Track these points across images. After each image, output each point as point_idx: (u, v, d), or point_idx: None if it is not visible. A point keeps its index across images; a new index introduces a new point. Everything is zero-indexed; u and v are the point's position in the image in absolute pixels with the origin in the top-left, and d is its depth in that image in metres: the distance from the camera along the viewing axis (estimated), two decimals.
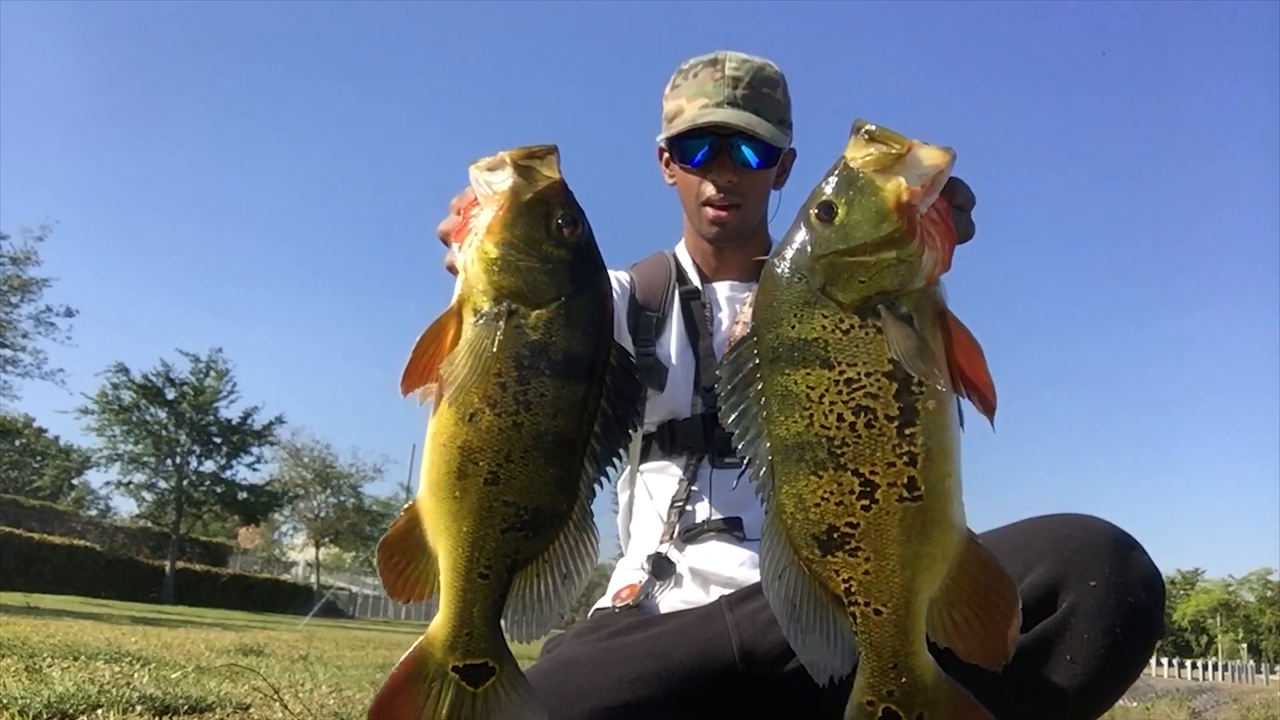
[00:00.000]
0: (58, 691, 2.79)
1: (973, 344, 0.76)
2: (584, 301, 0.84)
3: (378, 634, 14.82)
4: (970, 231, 0.88)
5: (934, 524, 0.76)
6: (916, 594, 0.77)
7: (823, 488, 0.77)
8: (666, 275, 1.57)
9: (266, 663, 5.44)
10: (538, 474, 0.83)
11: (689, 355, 1.48)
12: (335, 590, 38.02)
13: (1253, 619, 76.29)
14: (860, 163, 0.78)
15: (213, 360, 28.96)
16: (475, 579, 0.83)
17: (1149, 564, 1.08)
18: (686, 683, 1.23)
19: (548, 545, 0.85)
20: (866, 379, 0.76)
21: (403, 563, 0.85)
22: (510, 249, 0.83)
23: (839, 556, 0.77)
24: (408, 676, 0.85)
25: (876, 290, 0.77)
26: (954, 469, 0.77)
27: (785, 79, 1.50)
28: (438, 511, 0.84)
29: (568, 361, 0.83)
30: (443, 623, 0.84)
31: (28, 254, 20.48)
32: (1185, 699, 14.90)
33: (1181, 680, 35.19)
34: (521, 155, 0.84)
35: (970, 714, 0.80)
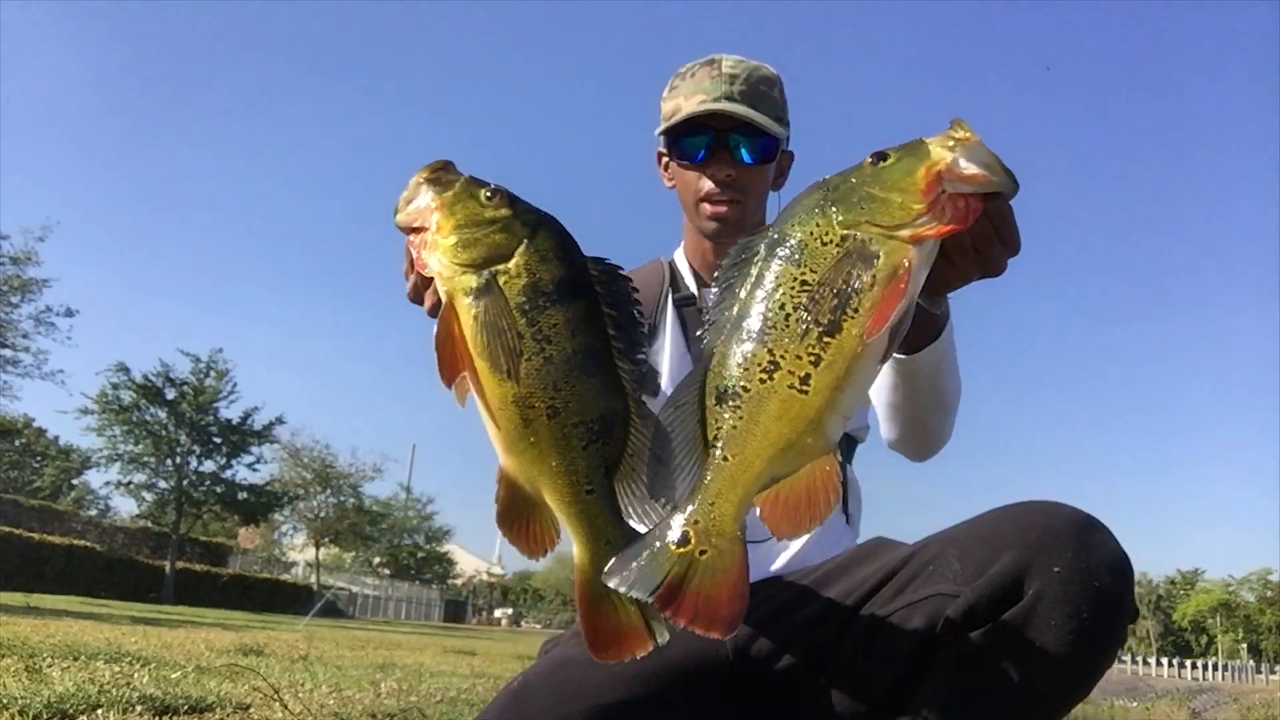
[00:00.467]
0: (58, 691, 2.79)
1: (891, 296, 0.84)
2: (545, 235, 0.93)
3: (378, 634, 14.81)
4: (996, 266, 0.94)
5: (805, 419, 0.86)
6: (761, 460, 0.87)
7: (741, 353, 0.88)
8: (659, 283, 1.56)
9: (266, 663, 5.44)
10: (587, 389, 0.91)
11: (686, 362, 1.47)
12: (335, 590, 38.02)
13: (1253, 619, 76.27)
14: (934, 138, 0.89)
15: (213, 360, 28.94)
16: (585, 498, 0.91)
17: (1114, 546, 1.07)
18: (681, 679, 1.23)
19: (626, 441, 0.93)
20: (817, 287, 0.87)
21: (521, 524, 0.93)
22: (462, 230, 0.92)
23: (723, 409, 0.89)
24: (591, 607, 0.92)
25: (867, 218, 0.87)
26: (848, 387, 0.86)
27: (782, 81, 1.50)
28: (524, 463, 0.91)
29: (559, 287, 0.91)
30: (581, 549, 0.91)
31: (28, 254, 20.47)
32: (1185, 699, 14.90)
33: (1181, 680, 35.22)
34: (427, 171, 0.96)
35: (738, 577, 0.87)
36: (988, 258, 0.93)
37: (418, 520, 47.19)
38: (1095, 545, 1.07)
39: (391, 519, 43.97)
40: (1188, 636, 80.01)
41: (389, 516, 43.52)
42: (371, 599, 43.45)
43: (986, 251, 0.92)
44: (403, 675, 5.39)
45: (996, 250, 0.92)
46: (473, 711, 3.76)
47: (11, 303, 20.64)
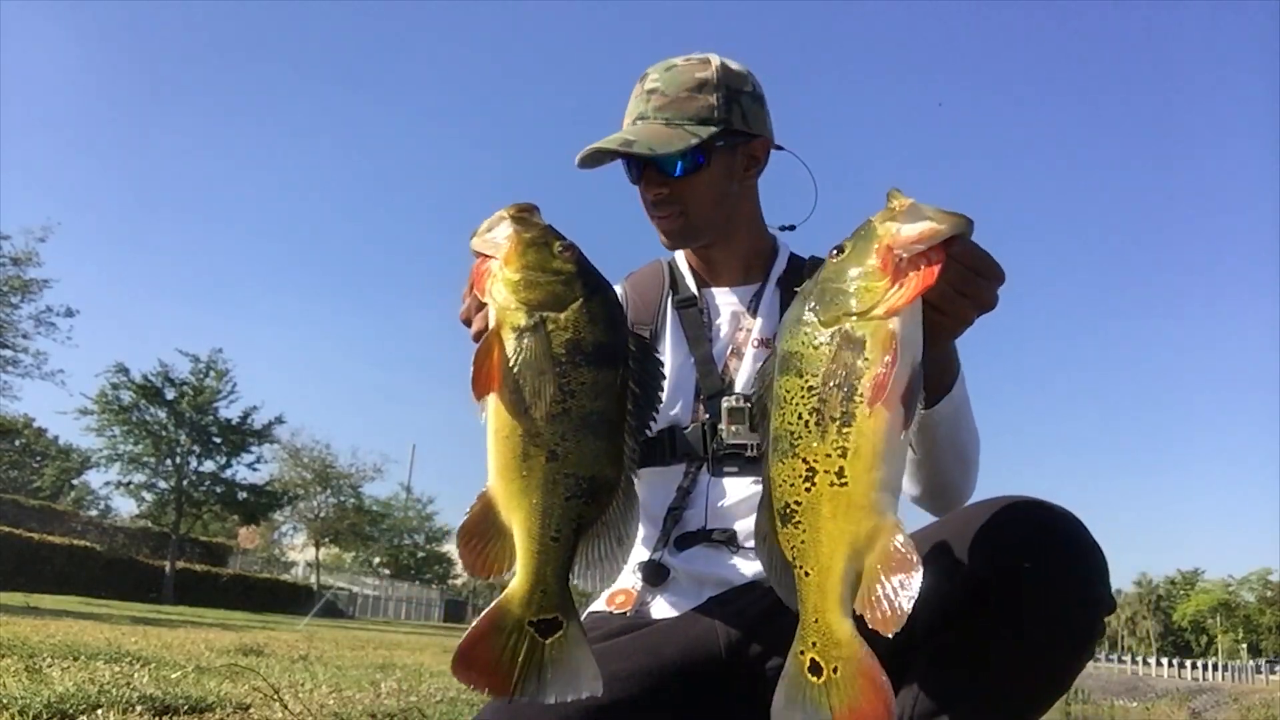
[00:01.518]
0: (58, 691, 2.80)
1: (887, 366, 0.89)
2: (599, 301, 0.99)
3: (378, 634, 14.82)
4: (988, 301, 0.97)
5: (856, 507, 0.90)
6: (838, 562, 0.91)
7: (784, 471, 0.94)
8: (660, 285, 1.56)
9: (266, 663, 5.45)
10: (589, 448, 0.96)
11: (689, 364, 1.47)
12: (335, 590, 38.06)
13: (1253, 619, 76.30)
14: (877, 217, 0.94)
15: (213, 360, 28.95)
16: (548, 542, 0.96)
17: (1085, 538, 1.07)
18: (677, 679, 1.24)
19: (604, 510, 0.98)
20: (822, 387, 0.92)
21: (480, 543, 0.98)
22: (528, 270, 0.98)
23: (789, 528, 0.94)
24: (489, 628, 0.96)
25: (843, 312, 0.92)
26: (880, 464, 0.90)
27: (724, 74, 1.45)
28: (509, 491, 0.97)
29: (597, 351, 0.97)
30: (520, 583, 0.96)
31: (29, 255, 20.48)
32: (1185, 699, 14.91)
33: (1181, 680, 35.18)
34: (514, 210, 1.01)
35: (873, 675, 0.89)
36: (975, 296, 0.96)
37: (418, 520, 47.24)
38: (1066, 539, 1.07)
39: (391, 519, 44.00)
40: (1188, 636, 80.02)
41: (389, 516, 43.53)
42: (371, 599, 43.46)
43: (971, 292, 0.96)
44: (403, 675, 5.39)
45: (980, 285, 0.96)
46: (472, 711, 3.76)
47: (12, 303, 20.66)
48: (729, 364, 1.46)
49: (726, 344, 1.48)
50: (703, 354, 1.46)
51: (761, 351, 1.45)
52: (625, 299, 1.56)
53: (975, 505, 1.16)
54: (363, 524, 38.80)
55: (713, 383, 1.43)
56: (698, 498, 1.41)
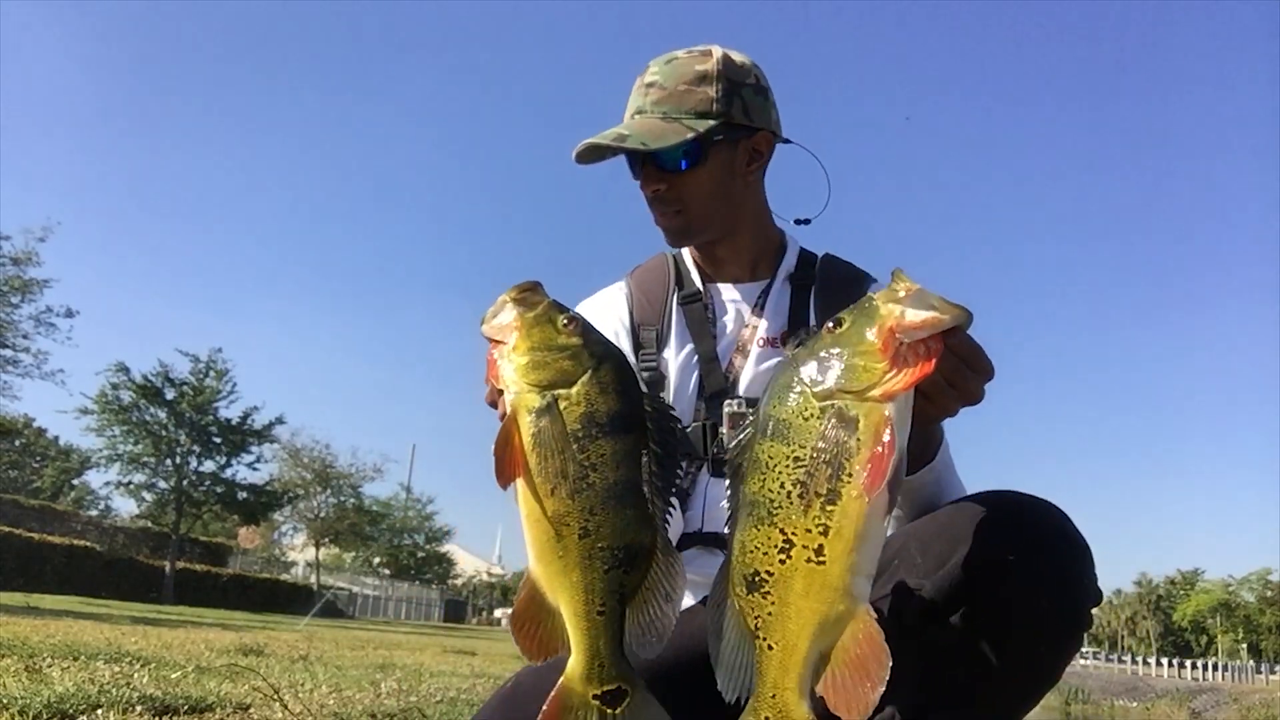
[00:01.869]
0: (58, 691, 2.80)
1: (884, 450, 0.88)
2: (608, 370, 1.00)
3: (377, 634, 14.82)
4: (975, 395, 0.98)
5: (830, 588, 0.89)
6: (804, 640, 0.90)
7: (758, 538, 0.92)
8: (664, 282, 1.54)
9: (266, 663, 5.45)
10: (619, 518, 0.97)
11: (692, 362, 1.45)
12: (335, 590, 38.02)
13: (1253, 619, 76.23)
14: (879, 295, 0.94)
15: (213, 360, 28.91)
16: (595, 617, 0.97)
17: (1070, 531, 1.07)
18: (672, 677, 1.24)
19: (645, 574, 0.99)
20: (810, 460, 0.91)
21: (533, 628, 1.00)
22: (535, 352, 1.00)
23: (755, 597, 0.92)
24: (557, 711, 0.98)
25: (839, 388, 0.91)
26: (861, 548, 0.89)
27: (726, 65, 1.42)
28: (549, 573, 0.99)
29: (612, 421, 0.98)
30: (577, 660, 0.98)
31: (29, 255, 20.44)
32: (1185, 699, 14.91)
33: (1181, 680, 35.16)
34: (515, 292, 1.03)
35: None
36: (964, 389, 0.97)
37: (418, 520, 47.21)
38: (1050, 531, 1.07)
39: (391, 519, 43.98)
40: (1188, 636, 79.96)
41: (389, 516, 43.50)
42: (371, 599, 43.43)
43: (961, 385, 0.96)
44: (403, 675, 5.39)
45: (970, 379, 0.96)
46: (472, 711, 3.75)
47: (12, 303, 20.63)
48: (733, 362, 1.44)
49: (731, 342, 1.46)
50: (706, 351, 1.45)
51: (767, 350, 1.43)
52: (630, 296, 1.54)
53: (961, 499, 1.16)
54: (363, 524, 38.78)
55: (715, 381, 1.42)
56: (696, 498, 1.40)
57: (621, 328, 1.50)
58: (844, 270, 1.52)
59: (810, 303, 1.47)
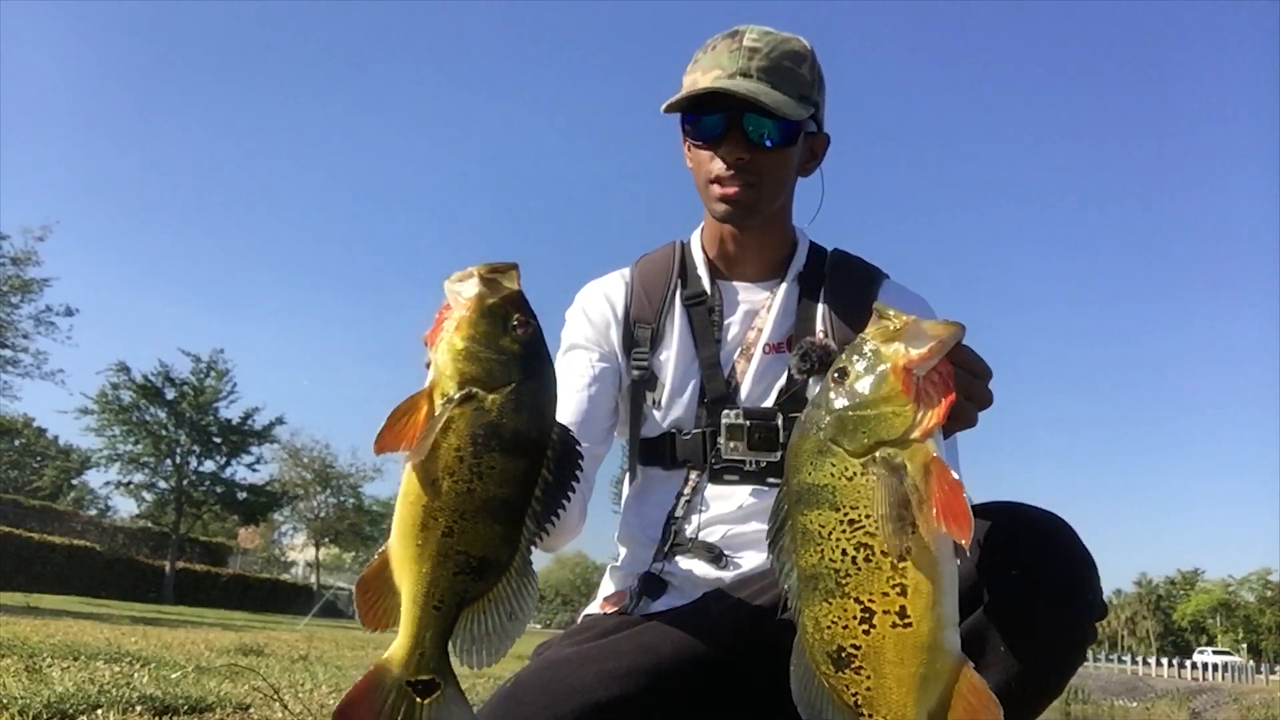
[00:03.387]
0: (58, 691, 2.79)
1: (953, 488, 0.86)
2: (531, 388, 0.99)
3: (377, 634, 14.78)
4: (987, 399, 0.97)
5: (923, 647, 0.86)
6: (912, 708, 0.87)
7: (832, 612, 0.89)
8: (667, 278, 1.49)
9: (266, 663, 5.45)
10: (485, 530, 0.98)
11: (694, 366, 1.42)
12: (335, 590, 37.98)
13: (1253, 619, 76.26)
14: (871, 335, 0.93)
15: (213, 360, 28.96)
16: (430, 610, 0.99)
17: (1075, 545, 1.07)
18: (673, 676, 1.24)
19: (491, 587, 1.00)
20: (866, 520, 0.87)
21: (374, 597, 1.02)
22: (473, 342, 0.98)
23: (848, 674, 0.89)
24: (368, 688, 0.99)
25: (875, 440, 0.88)
26: (943, 598, 0.87)
27: (815, 56, 1.40)
28: (403, 555, 1.00)
29: (515, 439, 0.97)
30: (400, 645, 0.99)
31: (28, 254, 20.49)
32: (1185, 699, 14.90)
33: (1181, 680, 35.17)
34: (488, 270, 1.00)
35: None
36: (978, 398, 0.97)
37: None
38: (1056, 545, 1.07)
39: (391, 519, 43.95)
40: (1188, 636, 79.97)
41: (389, 517, 43.35)
42: None
43: (974, 395, 0.97)
44: None
45: (979, 387, 0.97)
46: None
47: (11, 303, 20.66)
48: (736, 366, 1.41)
49: (735, 345, 1.43)
50: (709, 356, 1.41)
51: (770, 357, 1.41)
52: (630, 289, 1.50)
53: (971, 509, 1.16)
54: (363, 524, 38.78)
55: (717, 387, 1.39)
56: (696, 505, 1.39)
57: (615, 321, 1.47)
58: (854, 269, 1.48)
59: (819, 306, 1.43)
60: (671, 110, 1.39)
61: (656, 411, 1.43)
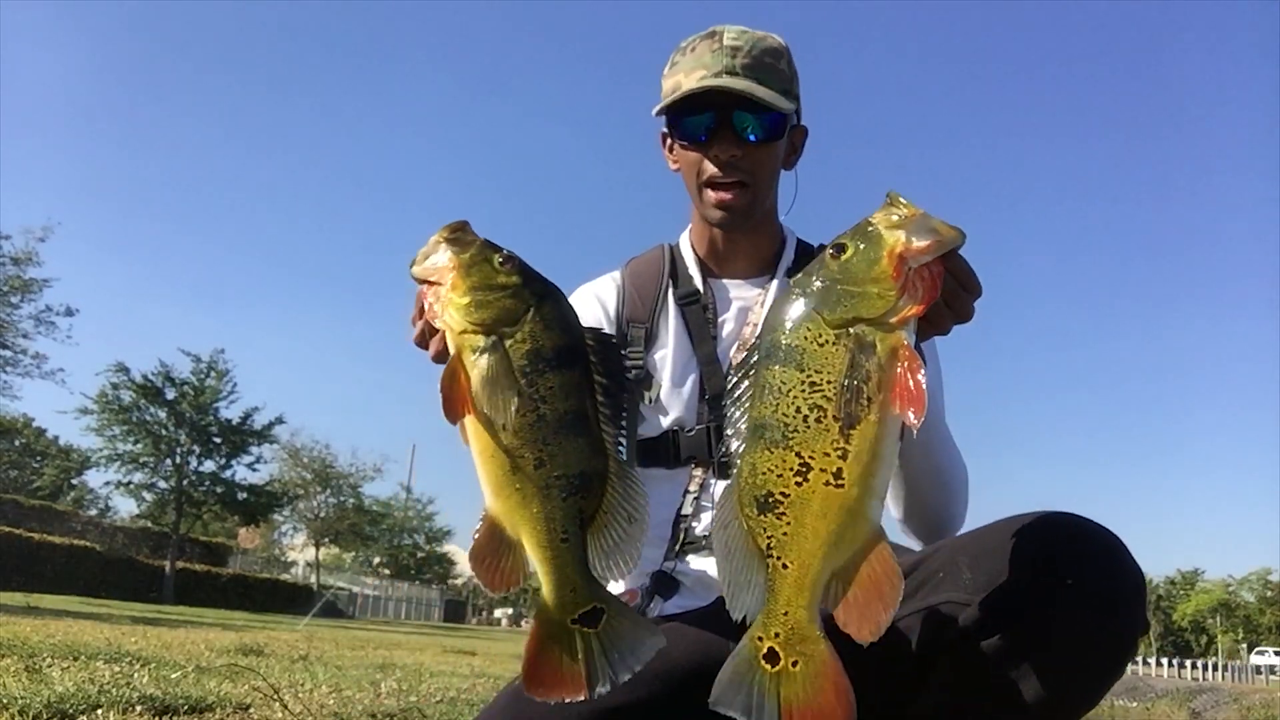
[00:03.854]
0: (58, 691, 2.79)
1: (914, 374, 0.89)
2: (549, 306, 1.01)
3: (377, 634, 14.82)
4: (968, 314, 1.00)
5: (848, 510, 0.91)
6: (819, 560, 0.92)
7: (771, 461, 0.93)
8: (658, 278, 1.49)
9: (266, 663, 5.44)
10: (571, 447, 0.99)
11: (691, 364, 1.42)
12: (335, 590, 38.02)
13: (1253, 619, 76.23)
14: (878, 219, 0.95)
15: (213, 360, 28.91)
16: (559, 545, 0.99)
17: (1128, 561, 1.06)
18: (685, 682, 1.22)
19: (601, 499, 1.01)
20: (826, 385, 0.92)
21: (494, 561, 1.01)
22: (476, 291, 1.00)
23: (769, 517, 0.93)
24: (541, 644, 1.00)
25: (854, 315, 0.92)
26: (879, 471, 0.91)
27: (790, 51, 1.42)
28: (508, 507, 1.00)
29: (558, 354, 1.00)
30: (548, 590, 1.00)
31: (29, 255, 20.46)
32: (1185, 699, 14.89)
33: (1181, 680, 35.12)
34: (446, 232, 1.03)
35: (835, 678, 0.91)
36: (958, 309, 0.99)
37: (418, 520, 47.22)
38: (1109, 560, 1.05)
39: (391, 519, 43.98)
40: (1188, 636, 79.96)
41: (389, 516, 43.49)
42: (371, 599, 43.43)
43: (956, 305, 0.99)
44: (403, 675, 5.39)
45: (963, 300, 0.99)
46: (473, 711, 3.76)
47: (12, 303, 20.64)
48: (734, 363, 1.40)
49: (731, 342, 1.44)
50: (706, 353, 1.42)
51: None
52: (621, 290, 1.50)
53: (1014, 518, 1.14)
54: (363, 524, 38.77)
55: (716, 383, 1.39)
56: (705, 502, 1.39)
57: (607, 322, 1.47)
58: None
59: None
60: (668, 111, 1.40)
61: (654, 411, 1.43)
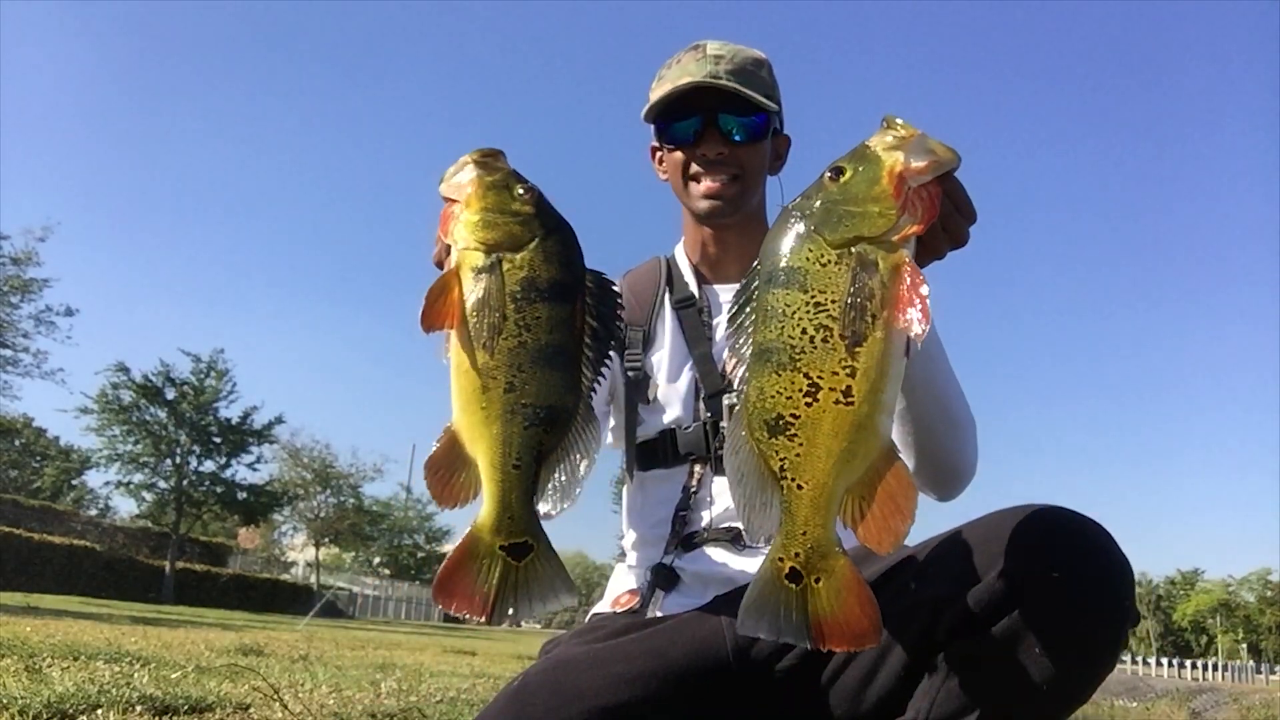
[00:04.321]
0: (58, 691, 2.79)
1: (917, 288, 0.89)
2: (555, 240, 1.02)
3: (377, 634, 14.82)
4: (963, 237, 1.00)
5: (859, 427, 0.91)
6: (833, 478, 0.92)
7: (779, 384, 0.93)
8: (655, 285, 1.53)
9: (266, 663, 5.44)
10: (546, 379, 0.99)
11: (688, 364, 1.45)
12: (335, 590, 37.99)
13: (1253, 619, 76.24)
14: (875, 141, 0.94)
15: (213, 360, 28.91)
16: (510, 470, 0.99)
17: (1115, 552, 1.07)
18: (682, 681, 1.23)
19: (563, 436, 1.01)
20: (831, 305, 0.91)
21: (446, 474, 1.01)
22: (488, 212, 1.01)
23: (780, 440, 0.93)
24: (463, 557, 1.00)
25: (855, 235, 0.92)
26: (887, 386, 0.91)
27: (772, 65, 1.48)
28: (471, 423, 1.00)
29: (552, 287, 1.00)
30: (487, 511, 1.00)
31: (29, 255, 20.47)
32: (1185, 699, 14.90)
33: (1181, 680, 35.17)
34: (478, 154, 1.04)
35: (857, 590, 0.92)
36: (954, 232, 0.99)
37: (418, 520, 47.15)
38: (1096, 551, 1.06)
39: (391, 519, 43.94)
40: (1188, 636, 79.95)
41: (389, 516, 43.46)
42: (371, 599, 43.41)
43: (951, 228, 0.99)
44: (403, 675, 5.38)
45: (959, 223, 0.99)
46: (473, 711, 3.76)
47: (12, 303, 20.65)
48: (730, 362, 1.42)
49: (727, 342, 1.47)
50: (702, 353, 1.45)
51: None
52: None
53: (1002, 511, 1.15)
54: (363, 524, 38.74)
55: (713, 381, 1.42)
56: (703, 497, 1.40)
57: None
58: None
59: None
60: (657, 111, 1.44)
61: (652, 411, 1.45)
